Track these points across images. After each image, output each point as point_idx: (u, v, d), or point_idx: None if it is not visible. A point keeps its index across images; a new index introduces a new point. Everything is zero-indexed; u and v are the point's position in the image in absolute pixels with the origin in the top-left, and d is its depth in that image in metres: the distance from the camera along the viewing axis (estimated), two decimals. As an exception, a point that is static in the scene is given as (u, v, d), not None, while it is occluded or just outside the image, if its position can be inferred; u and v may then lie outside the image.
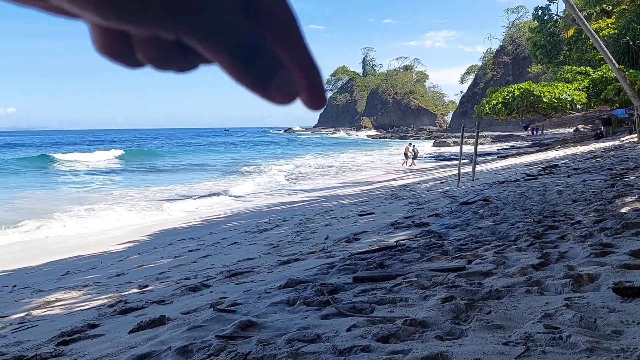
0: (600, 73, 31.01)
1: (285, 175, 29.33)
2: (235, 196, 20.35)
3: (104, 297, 5.65)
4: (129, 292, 5.71)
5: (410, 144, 32.78)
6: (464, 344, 2.41)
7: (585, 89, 30.68)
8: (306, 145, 76.46)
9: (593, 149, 20.33)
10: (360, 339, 2.61)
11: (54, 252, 10.77)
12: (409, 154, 31.85)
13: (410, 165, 31.03)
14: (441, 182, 16.29)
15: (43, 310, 5.45)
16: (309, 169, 35.46)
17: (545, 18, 41.01)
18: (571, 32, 38.21)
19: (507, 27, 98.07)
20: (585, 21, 14.38)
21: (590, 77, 31.69)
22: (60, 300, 5.87)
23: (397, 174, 26.35)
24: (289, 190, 22.32)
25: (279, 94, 0.42)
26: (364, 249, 5.81)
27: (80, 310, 5.13)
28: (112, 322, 4.14)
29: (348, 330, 2.79)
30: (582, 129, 43.23)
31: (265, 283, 4.71)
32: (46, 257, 10.31)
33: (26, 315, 5.26)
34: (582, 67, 34.66)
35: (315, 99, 0.45)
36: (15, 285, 7.59)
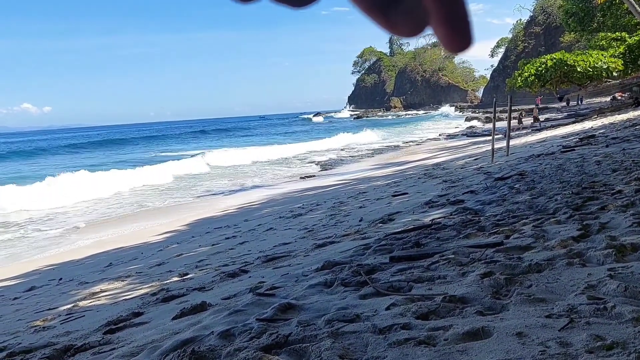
0: (636, 38, 29.93)
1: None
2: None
3: (146, 286, 5.79)
4: (170, 280, 5.83)
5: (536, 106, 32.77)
6: (506, 318, 2.39)
7: (621, 56, 29.65)
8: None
9: (632, 117, 19.71)
10: (400, 317, 2.61)
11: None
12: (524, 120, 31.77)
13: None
14: (475, 159, 16.07)
15: (89, 301, 5.62)
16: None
17: (577, -16, 39.69)
18: (604, -3, 36.93)
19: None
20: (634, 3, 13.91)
21: (627, 42, 30.61)
22: (105, 291, 6.03)
23: (430, 152, 26.10)
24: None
25: (404, 24, 0.34)
26: (399, 229, 5.78)
27: (125, 299, 5.27)
28: (155, 310, 4.24)
29: (387, 309, 2.79)
30: (619, 97, 41.86)
31: (302, 266, 4.74)
32: (91, 250, 10.60)
33: (73, 306, 5.42)
34: (617, 33, 33.50)
35: (457, 34, 0.34)
36: (61, 279, 7.82)
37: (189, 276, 5.89)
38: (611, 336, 2.03)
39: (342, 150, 35.73)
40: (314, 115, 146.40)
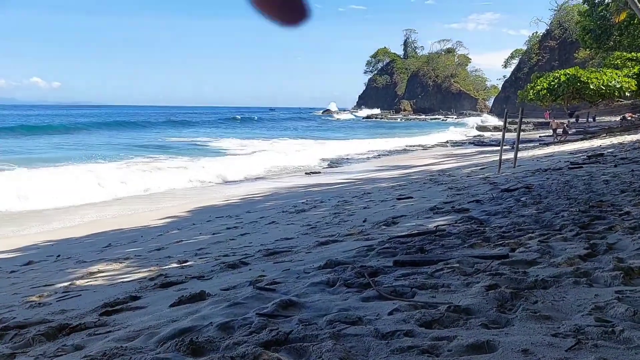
0: (652, 60, 29.84)
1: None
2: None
3: (144, 270, 5.76)
4: (169, 266, 5.80)
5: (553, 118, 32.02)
6: (511, 333, 2.34)
7: (635, 76, 29.52)
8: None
9: (642, 139, 19.62)
10: (403, 323, 2.57)
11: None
12: (559, 130, 30.59)
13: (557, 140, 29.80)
14: (481, 168, 16.01)
15: (86, 280, 5.59)
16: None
17: (597, 1, 39.44)
18: (623, 16, 36.69)
19: (555, 10, 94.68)
20: (638, 4, 13.79)
21: (642, 64, 30.50)
22: (102, 272, 6.01)
23: (436, 158, 26.03)
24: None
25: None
26: (403, 233, 5.74)
27: (122, 282, 5.24)
28: (153, 295, 4.21)
29: (390, 314, 2.76)
30: (629, 118, 41.71)
31: (303, 263, 4.71)
32: (91, 229, 10.60)
33: (70, 284, 5.39)
34: (632, 53, 33.35)
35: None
36: (59, 255, 7.81)
37: (188, 263, 5.86)
38: (620, 361, 1.99)
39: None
40: (323, 112, 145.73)
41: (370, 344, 2.30)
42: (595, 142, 22.19)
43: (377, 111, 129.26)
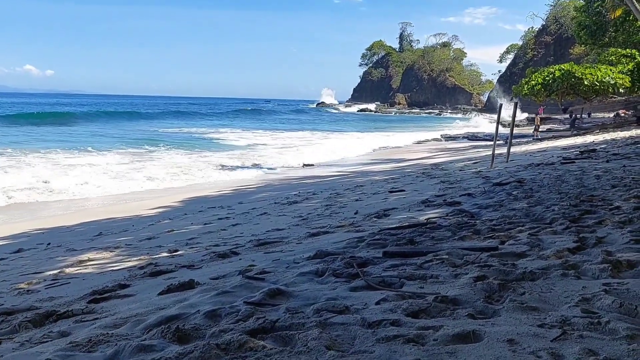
0: (646, 56, 29.92)
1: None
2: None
3: (134, 259, 5.74)
4: (160, 255, 5.78)
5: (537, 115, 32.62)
6: (497, 323, 2.35)
7: (629, 73, 29.59)
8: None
9: (634, 135, 19.70)
10: (390, 312, 2.57)
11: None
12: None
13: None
14: (474, 162, 16.04)
15: (76, 268, 5.57)
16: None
17: (592, -3, 39.44)
18: (618, 12, 36.72)
19: (551, 5, 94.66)
20: (634, 1, 13.84)
21: (636, 60, 30.57)
22: (92, 260, 5.98)
23: (430, 152, 26.07)
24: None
25: None
26: (394, 225, 5.75)
27: (112, 270, 5.22)
28: (142, 283, 4.19)
29: (377, 303, 2.76)
30: (622, 114, 41.83)
31: (294, 253, 4.70)
32: (82, 218, 10.55)
33: (59, 272, 5.38)
34: (627, 49, 33.42)
35: None
36: (49, 243, 7.77)
37: (178, 253, 5.84)
38: (604, 352, 1.99)
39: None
40: (317, 105, 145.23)
41: (356, 332, 2.29)
42: (589, 138, 22.26)
43: (372, 106, 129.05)
